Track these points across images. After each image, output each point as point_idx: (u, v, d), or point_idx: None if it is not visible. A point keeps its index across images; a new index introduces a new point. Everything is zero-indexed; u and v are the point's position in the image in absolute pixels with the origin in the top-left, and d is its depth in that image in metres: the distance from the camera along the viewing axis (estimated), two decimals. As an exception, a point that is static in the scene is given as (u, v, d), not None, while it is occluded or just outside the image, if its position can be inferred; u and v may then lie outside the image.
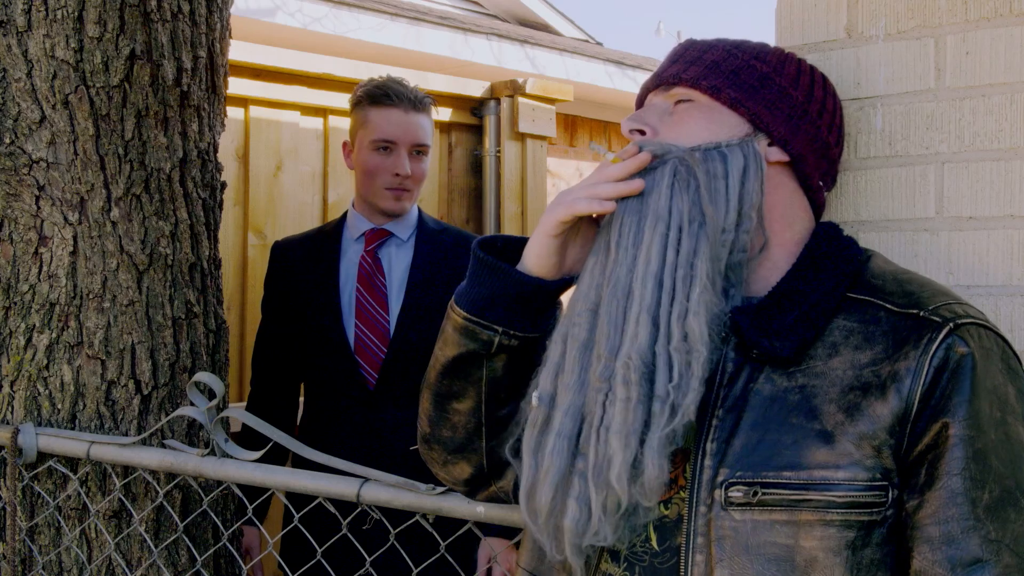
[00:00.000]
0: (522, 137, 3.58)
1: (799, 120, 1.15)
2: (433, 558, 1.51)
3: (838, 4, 1.35)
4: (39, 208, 1.82)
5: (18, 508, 1.82)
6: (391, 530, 1.50)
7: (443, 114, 3.47)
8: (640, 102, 1.24)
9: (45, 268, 1.82)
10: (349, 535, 1.54)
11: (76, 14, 1.75)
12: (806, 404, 1.04)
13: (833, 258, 1.12)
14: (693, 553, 1.05)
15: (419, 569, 1.52)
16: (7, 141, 1.80)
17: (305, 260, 2.47)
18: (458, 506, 1.38)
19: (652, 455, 1.02)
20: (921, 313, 1.04)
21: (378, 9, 5.22)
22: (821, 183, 1.18)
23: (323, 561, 1.62)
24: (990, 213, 1.24)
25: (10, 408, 1.85)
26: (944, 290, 1.10)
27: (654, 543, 1.09)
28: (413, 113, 2.42)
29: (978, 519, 0.98)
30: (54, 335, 1.82)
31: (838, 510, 1.01)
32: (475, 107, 3.56)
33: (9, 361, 1.85)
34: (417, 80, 3.34)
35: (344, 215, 2.54)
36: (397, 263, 2.45)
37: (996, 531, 0.98)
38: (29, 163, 1.80)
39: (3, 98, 1.79)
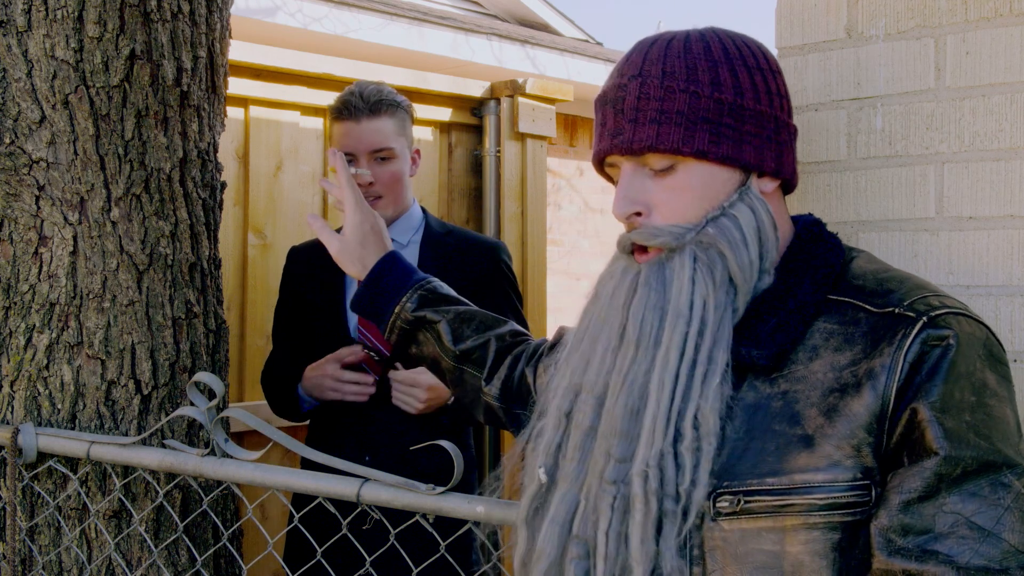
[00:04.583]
0: (522, 137, 3.58)
1: (773, 132, 1.13)
2: (433, 558, 1.51)
3: (838, 4, 1.35)
4: (39, 208, 1.82)
5: (18, 508, 1.82)
6: (391, 530, 1.50)
7: (443, 114, 3.47)
8: (599, 161, 1.18)
9: (45, 268, 1.82)
10: (349, 535, 1.54)
11: (76, 14, 1.75)
12: (788, 410, 1.05)
13: (813, 262, 1.12)
14: (691, 566, 1.06)
15: (419, 569, 1.52)
16: (7, 141, 1.80)
17: (315, 266, 2.47)
18: (458, 506, 1.38)
19: (671, 559, 1.03)
20: (897, 310, 1.04)
21: (378, 9, 5.22)
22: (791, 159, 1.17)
23: (323, 561, 1.62)
24: (990, 213, 1.24)
25: (10, 408, 1.85)
26: (922, 284, 1.09)
27: None
28: (367, 120, 2.36)
29: (939, 491, 0.97)
30: (54, 335, 1.82)
31: (820, 513, 1.01)
32: (475, 107, 3.56)
33: (9, 361, 1.85)
34: (417, 80, 3.34)
35: None
36: None
37: (956, 504, 0.97)
38: (29, 163, 1.80)
39: (3, 98, 1.79)
